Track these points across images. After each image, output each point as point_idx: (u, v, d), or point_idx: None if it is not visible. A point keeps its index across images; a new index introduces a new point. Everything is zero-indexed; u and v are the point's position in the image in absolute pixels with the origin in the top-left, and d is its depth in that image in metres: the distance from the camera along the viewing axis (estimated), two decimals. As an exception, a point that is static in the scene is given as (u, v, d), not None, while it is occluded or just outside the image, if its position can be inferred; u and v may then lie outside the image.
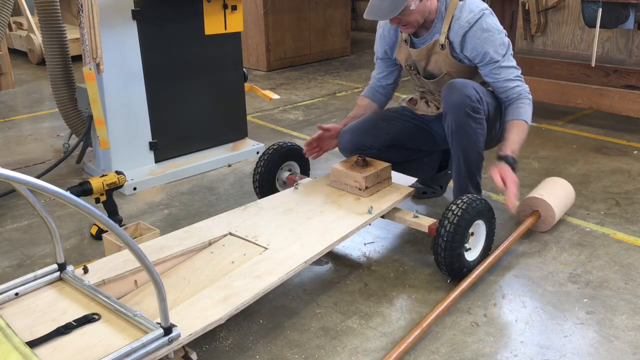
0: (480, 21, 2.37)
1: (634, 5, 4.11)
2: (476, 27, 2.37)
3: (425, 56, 2.54)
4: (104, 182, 2.63)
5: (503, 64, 2.42)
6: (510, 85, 2.45)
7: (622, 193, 3.15)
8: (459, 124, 2.41)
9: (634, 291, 2.27)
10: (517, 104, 2.45)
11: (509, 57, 2.45)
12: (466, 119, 2.39)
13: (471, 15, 2.37)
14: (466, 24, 2.37)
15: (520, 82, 2.47)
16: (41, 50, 6.30)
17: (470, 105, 2.37)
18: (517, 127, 2.41)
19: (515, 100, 2.46)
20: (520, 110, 2.44)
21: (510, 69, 2.45)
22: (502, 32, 2.43)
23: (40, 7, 3.26)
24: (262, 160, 2.78)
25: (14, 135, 4.27)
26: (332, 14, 6.82)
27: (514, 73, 2.46)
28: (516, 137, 2.39)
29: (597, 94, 4.14)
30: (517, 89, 2.46)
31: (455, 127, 2.42)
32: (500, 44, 2.41)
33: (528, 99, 2.47)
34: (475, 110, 2.39)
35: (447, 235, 2.19)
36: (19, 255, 2.60)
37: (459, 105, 2.37)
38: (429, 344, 1.98)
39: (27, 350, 1.49)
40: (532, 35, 6.96)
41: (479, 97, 2.40)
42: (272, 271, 1.97)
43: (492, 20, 2.41)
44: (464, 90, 2.38)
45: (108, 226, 1.38)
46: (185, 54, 3.34)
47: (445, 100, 2.43)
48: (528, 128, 2.43)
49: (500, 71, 2.43)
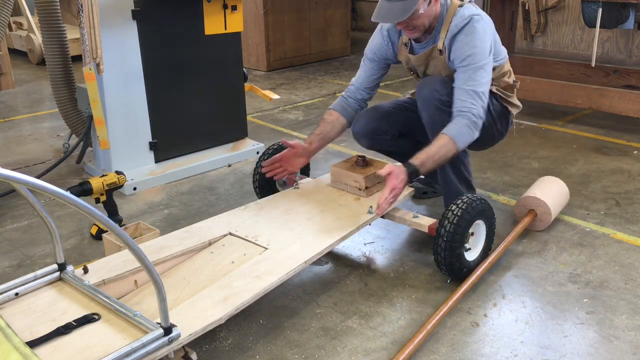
0: (467, 26, 2.34)
1: (634, 5, 4.11)
2: (462, 32, 2.35)
3: (424, 62, 2.54)
4: (104, 182, 2.63)
5: (471, 73, 2.31)
6: (462, 96, 2.31)
7: (622, 193, 3.15)
8: (432, 118, 2.43)
9: (634, 291, 2.27)
10: (457, 120, 2.30)
11: (480, 71, 2.31)
12: (438, 112, 2.40)
13: (460, 20, 2.36)
14: (455, 28, 2.37)
15: (473, 100, 2.30)
16: (41, 50, 6.30)
17: (439, 98, 2.39)
18: (440, 141, 2.28)
19: (457, 116, 2.31)
20: (454, 127, 2.29)
21: (473, 82, 2.30)
22: (486, 42, 2.34)
23: (40, 7, 3.26)
24: (262, 160, 2.78)
25: (14, 135, 4.27)
26: (332, 14, 6.82)
27: (476, 88, 2.30)
28: (434, 151, 2.27)
29: (597, 94, 4.14)
30: (466, 104, 2.29)
31: (430, 122, 2.45)
32: (479, 53, 2.32)
33: (472, 120, 2.28)
34: (445, 103, 2.39)
35: (447, 235, 2.19)
36: (19, 255, 2.60)
37: (429, 99, 2.41)
38: (429, 344, 1.98)
39: (27, 350, 1.49)
40: (532, 35, 6.96)
41: (449, 92, 2.38)
42: (272, 271, 1.97)
43: (481, 26, 2.35)
44: (433, 85, 2.41)
45: (108, 226, 1.38)
46: (186, 54, 3.34)
47: (417, 96, 2.49)
48: (453, 148, 2.27)
49: (463, 77, 2.32)
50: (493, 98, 2.53)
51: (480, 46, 2.33)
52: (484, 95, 2.34)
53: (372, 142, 2.72)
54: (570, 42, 6.73)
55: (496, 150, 3.77)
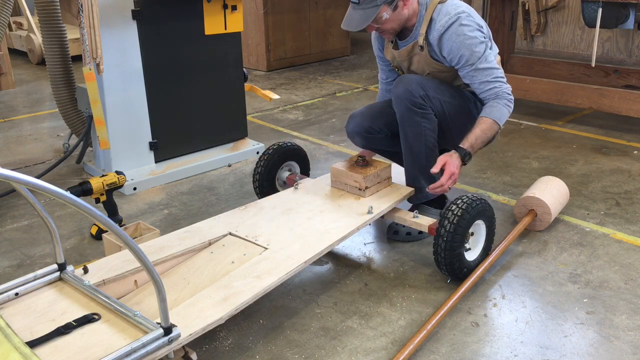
0: (455, 25, 2.37)
1: (634, 5, 4.11)
2: (451, 31, 2.38)
3: (406, 57, 2.57)
4: (104, 182, 2.63)
5: (480, 66, 2.40)
6: (487, 87, 2.43)
7: (622, 193, 3.15)
8: (402, 116, 2.48)
9: (634, 291, 2.27)
10: (492, 103, 2.43)
11: (486, 59, 2.40)
12: (409, 112, 2.45)
13: (447, 18, 2.38)
14: (441, 28, 2.39)
15: (498, 83, 2.43)
16: (41, 50, 6.31)
17: (411, 99, 2.42)
18: (483, 124, 2.40)
19: (491, 100, 2.44)
20: (492, 109, 2.41)
21: (488, 71, 2.41)
22: (477, 34, 2.40)
23: (40, 7, 3.26)
24: (262, 160, 2.78)
25: (14, 135, 4.27)
26: (332, 14, 6.82)
27: (493, 74, 2.42)
28: (479, 132, 2.38)
29: (597, 94, 4.14)
30: (495, 89, 2.42)
31: (400, 120, 2.50)
32: (477, 46, 2.38)
33: (506, 99, 2.43)
34: (416, 105, 2.43)
35: (447, 235, 2.19)
36: (19, 255, 2.60)
37: (401, 99, 2.45)
38: (429, 344, 1.98)
39: (27, 350, 1.49)
40: (532, 35, 6.96)
41: (423, 94, 2.43)
42: (272, 271, 1.97)
43: (469, 22, 2.39)
44: (408, 85, 2.45)
45: (108, 226, 1.38)
46: (185, 54, 3.34)
47: (392, 92, 2.53)
48: (496, 127, 2.41)
49: (476, 74, 2.42)
50: (462, 98, 2.55)
51: (475, 40, 2.38)
52: (501, 73, 2.46)
53: (366, 141, 2.73)
54: (570, 42, 6.73)
55: (496, 150, 3.77)
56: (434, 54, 2.48)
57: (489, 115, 2.40)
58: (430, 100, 2.45)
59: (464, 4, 2.46)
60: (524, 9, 6.76)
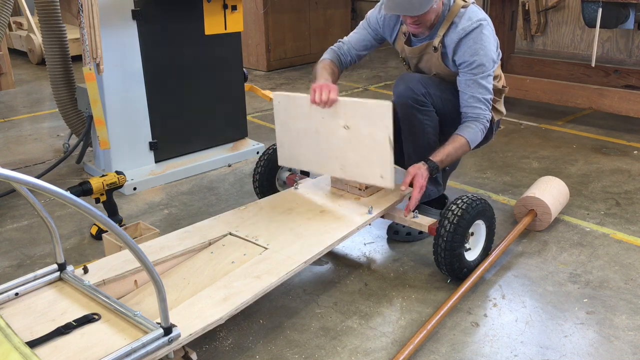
0: (476, 31, 2.36)
1: (634, 5, 4.11)
2: (471, 36, 2.37)
3: (417, 55, 2.57)
4: (104, 182, 2.63)
5: (480, 81, 2.39)
6: (474, 103, 2.41)
7: (622, 193, 3.15)
8: (404, 114, 2.48)
9: (634, 291, 2.27)
10: (470, 124, 2.42)
11: (487, 77, 2.41)
12: (410, 110, 2.45)
13: (469, 24, 2.37)
14: (462, 31, 2.37)
15: (484, 106, 2.42)
16: (41, 50, 6.30)
17: (413, 97, 2.42)
18: (456, 142, 2.38)
19: (469, 121, 2.43)
20: (469, 130, 2.40)
21: (483, 89, 2.40)
22: (492, 50, 2.40)
23: (40, 7, 3.26)
24: (262, 160, 2.78)
25: (14, 135, 4.27)
26: (332, 14, 6.82)
27: (485, 95, 2.41)
28: (451, 150, 2.37)
29: (597, 94, 4.14)
30: (478, 110, 2.41)
31: (402, 118, 2.50)
32: (487, 62, 2.38)
33: (484, 124, 2.43)
34: (418, 102, 2.43)
35: (447, 235, 2.19)
36: (19, 255, 2.60)
37: (402, 97, 2.45)
38: (429, 344, 1.98)
39: (27, 350, 1.49)
40: (532, 35, 6.96)
41: (425, 91, 2.43)
42: (272, 271, 1.97)
43: (488, 32, 2.39)
44: (409, 83, 2.44)
45: (108, 226, 1.38)
46: (185, 54, 3.34)
47: (393, 89, 2.52)
48: (467, 148, 2.40)
49: (473, 85, 2.40)
50: None
51: (489, 55, 2.39)
52: (491, 98, 2.47)
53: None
54: (570, 42, 6.73)
55: (496, 150, 3.77)
56: (445, 58, 2.47)
57: (465, 135, 2.39)
58: (432, 97, 2.46)
59: (484, 12, 2.44)
60: (524, 9, 6.76)
